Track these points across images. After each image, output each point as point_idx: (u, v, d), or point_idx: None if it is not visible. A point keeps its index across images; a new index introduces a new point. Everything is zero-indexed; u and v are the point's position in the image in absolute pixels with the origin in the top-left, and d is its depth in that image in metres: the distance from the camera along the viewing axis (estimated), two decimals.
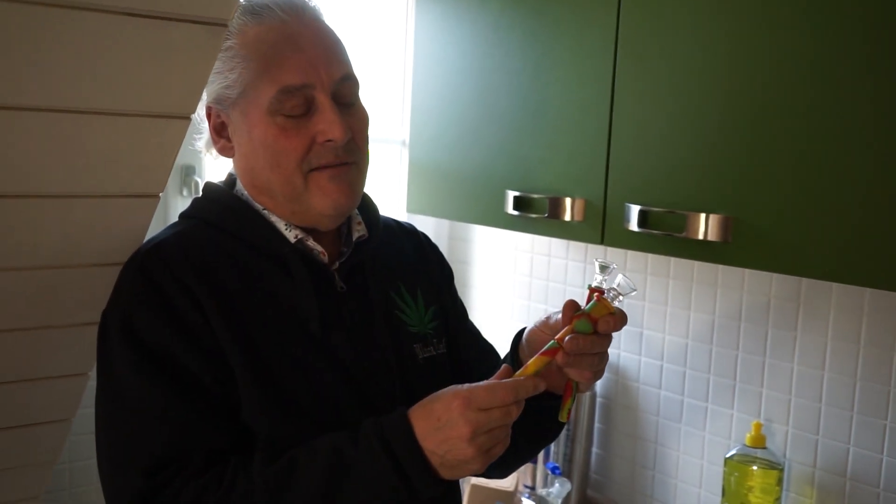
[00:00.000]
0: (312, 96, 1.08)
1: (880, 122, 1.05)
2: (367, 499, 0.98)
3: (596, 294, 1.04)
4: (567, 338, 1.02)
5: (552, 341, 1.02)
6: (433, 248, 1.36)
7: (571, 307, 1.05)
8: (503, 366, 1.02)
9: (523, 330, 1.19)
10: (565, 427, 1.86)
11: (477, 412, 0.95)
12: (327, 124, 1.08)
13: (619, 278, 1.04)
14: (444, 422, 0.96)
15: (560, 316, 1.08)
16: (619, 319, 1.04)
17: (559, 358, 1.02)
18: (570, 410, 1.07)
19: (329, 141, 1.08)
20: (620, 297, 1.04)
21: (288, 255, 1.11)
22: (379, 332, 1.16)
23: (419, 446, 0.97)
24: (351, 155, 1.12)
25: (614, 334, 1.07)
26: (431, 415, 0.97)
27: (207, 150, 1.20)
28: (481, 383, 0.98)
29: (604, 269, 1.06)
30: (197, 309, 1.04)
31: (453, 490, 1.25)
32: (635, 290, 1.05)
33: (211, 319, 1.04)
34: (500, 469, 1.30)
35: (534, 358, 1.03)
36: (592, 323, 1.02)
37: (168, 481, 1.00)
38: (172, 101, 1.10)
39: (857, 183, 1.08)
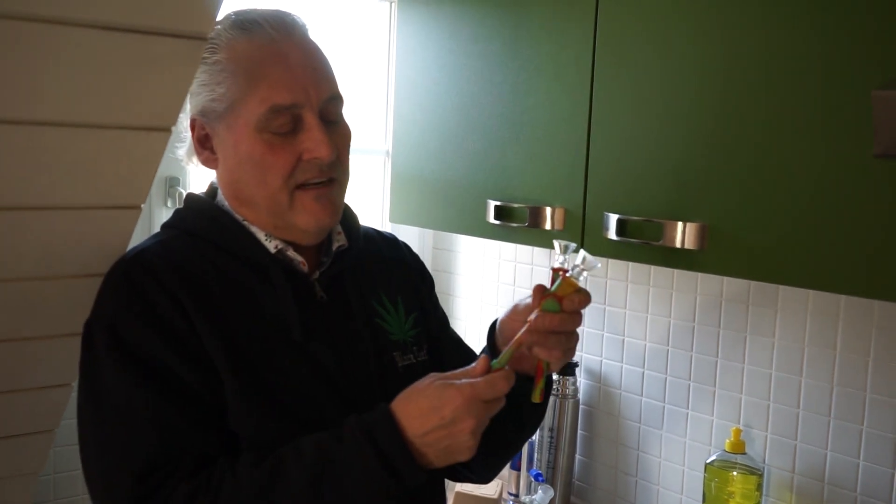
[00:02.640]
0: (300, 115, 1.10)
1: (855, 132, 1.07)
2: (354, 493, 0.99)
3: (561, 272, 1.06)
4: (532, 315, 1.04)
5: (524, 328, 1.05)
6: (414, 257, 1.38)
7: (540, 291, 1.06)
8: (482, 356, 1.04)
9: (496, 322, 1.20)
10: (549, 436, 1.88)
11: (480, 405, 0.98)
12: (314, 143, 1.10)
13: (582, 254, 1.06)
14: (449, 418, 0.98)
15: (528, 301, 1.10)
16: (585, 297, 1.06)
17: (524, 336, 1.04)
18: (542, 391, 1.09)
19: (315, 158, 1.10)
20: (584, 274, 1.06)
21: (269, 265, 1.13)
22: (359, 339, 1.17)
23: (404, 438, 0.99)
24: (335, 170, 1.14)
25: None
26: (433, 413, 0.98)
27: (188, 160, 1.21)
28: (475, 379, 1.00)
29: (565, 248, 1.08)
30: (182, 315, 1.05)
31: (439, 493, 1.27)
32: (598, 265, 1.06)
33: (196, 325, 1.05)
34: (489, 466, 1.32)
35: (506, 347, 1.05)
36: (559, 301, 1.04)
37: (159, 485, 1.00)
38: (153, 114, 1.12)
39: (831, 191, 1.09)
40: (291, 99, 1.09)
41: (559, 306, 1.04)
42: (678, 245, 1.26)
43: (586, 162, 1.41)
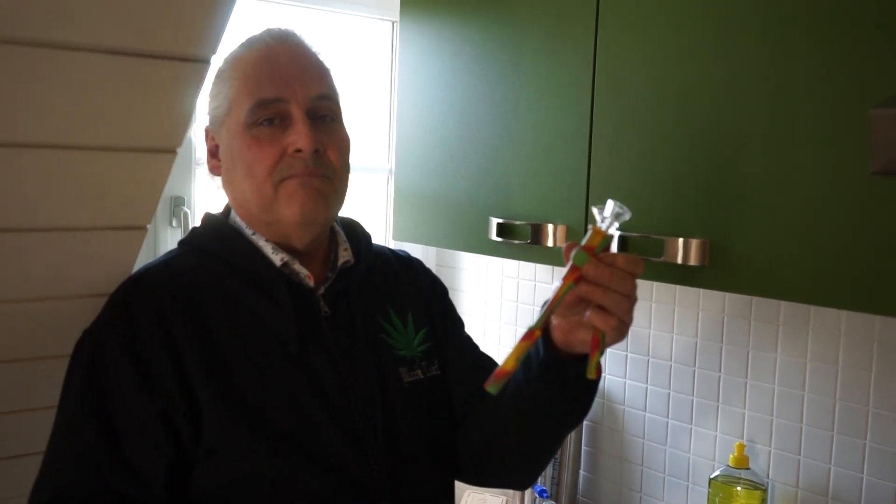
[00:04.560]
0: (287, 110, 1.13)
1: (856, 148, 1.07)
2: None
3: (591, 226, 0.99)
4: (564, 272, 0.96)
5: (528, 327, 0.97)
6: (426, 271, 1.39)
7: (570, 247, 0.97)
8: None
9: None
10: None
11: None
12: (296, 135, 1.11)
13: (610, 204, 0.97)
14: None
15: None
16: (631, 258, 0.97)
17: (558, 292, 0.95)
18: (598, 365, 0.99)
19: (298, 151, 1.11)
20: (616, 224, 0.98)
21: (273, 279, 1.14)
22: (361, 355, 1.17)
23: None
24: (323, 169, 1.14)
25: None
26: None
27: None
28: None
29: (601, 210, 0.99)
30: (169, 346, 1.06)
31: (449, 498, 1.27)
32: (627, 212, 0.97)
33: (184, 353, 1.07)
34: (525, 472, 1.27)
35: (514, 346, 0.96)
36: (588, 252, 0.96)
37: None
38: (159, 136, 1.13)
39: (832, 207, 1.10)
40: (276, 93, 1.12)
41: (588, 257, 0.96)
42: (679, 261, 1.26)
43: (587, 179, 1.42)
